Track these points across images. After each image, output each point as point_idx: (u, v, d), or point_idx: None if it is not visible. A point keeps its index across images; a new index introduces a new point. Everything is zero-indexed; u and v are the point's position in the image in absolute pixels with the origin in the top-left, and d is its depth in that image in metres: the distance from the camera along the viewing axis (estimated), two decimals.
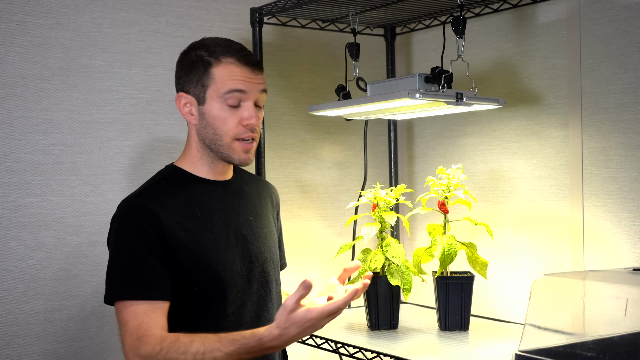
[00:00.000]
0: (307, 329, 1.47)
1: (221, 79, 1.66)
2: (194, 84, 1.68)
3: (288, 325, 1.46)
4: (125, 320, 1.56)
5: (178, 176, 1.71)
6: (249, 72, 1.67)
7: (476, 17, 2.32)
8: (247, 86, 1.67)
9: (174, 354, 1.49)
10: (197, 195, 1.69)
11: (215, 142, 1.68)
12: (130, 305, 1.57)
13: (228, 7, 2.39)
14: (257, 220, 1.79)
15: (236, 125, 1.67)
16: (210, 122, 1.67)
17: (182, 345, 1.49)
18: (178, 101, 1.70)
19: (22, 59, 2.07)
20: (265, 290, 1.75)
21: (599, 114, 2.05)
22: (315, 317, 1.46)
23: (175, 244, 1.61)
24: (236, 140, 1.68)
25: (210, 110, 1.67)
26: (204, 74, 1.67)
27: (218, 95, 1.66)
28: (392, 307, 2.09)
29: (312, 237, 2.55)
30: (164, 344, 1.50)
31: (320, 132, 2.58)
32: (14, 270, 2.05)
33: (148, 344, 1.51)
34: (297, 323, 1.46)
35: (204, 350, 1.48)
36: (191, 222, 1.64)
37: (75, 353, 2.12)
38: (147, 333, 1.53)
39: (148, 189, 1.68)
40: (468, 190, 2.05)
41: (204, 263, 1.63)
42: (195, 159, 1.72)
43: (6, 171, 2.05)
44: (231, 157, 1.69)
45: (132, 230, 1.61)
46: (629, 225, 1.97)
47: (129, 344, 1.54)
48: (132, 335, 1.54)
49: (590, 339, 1.41)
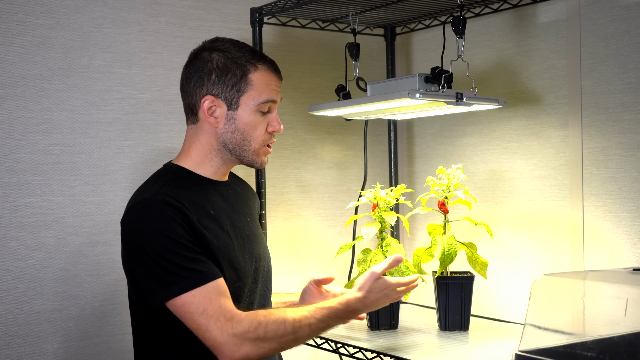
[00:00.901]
0: (384, 296, 1.67)
1: (259, 87, 1.67)
2: (228, 88, 1.66)
3: (372, 289, 1.66)
4: (203, 308, 1.52)
5: (184, 176, 1.69)
6: (279, 81, 1.72)
7: (476, 17, 2.32)
8: (278, 96, 1.72)
9: (272, 324, 1.54)
10: (207, 195, 1.68)
11: (242, 147, 1.68)
12: (199, 294, 1.53)
13: (228, 7, 2.39)
14: (253, 221, 1.80)
15: (264, 132, 1.70)
16: (240, 127, 1.67)
17: (278, 317, 1.55)
18: (204, 104, 1.66)
19: (22, 59, 2.07)
20: (266, 289, 1.76)
21: (599, 114, 2.05)
22: (393, 285, 1.68)
23: (202, 241, 1.58)
24: (264, 146, 1.71)
25: (242, 115, 1.67)
26: (241, 79, 1.66)
27: (255, 102, 1.67)
28: (392, 307, 2.09)
29: (312, 237, 2.55)
30: (259, 317, 1.54)
31: (320, 132, 2.58)
32: (14, 270, 2.05)
33: (242, 321, 1.52)
34: (378, 288, 1.67)
35: (299, 318, 1.57)
36: (208, 221, 1.62)
37: (75, 353, 2.12)
38: (235, 313, 1.53)
39: (162, 189, 1.61)
40: (468, 190, 2.05)
41: (227, 260, 1.62)
42: (204, 159, 1.70)
43: (6, 171, 2.05)
44: (254, 161, 1.72)
45: (168, 225, 1.55)
46: (629, 225, 1.97)
47: (218, 328, 1.51)
48: (219, 318, 1.52)
49: (590, 339, 1.41)
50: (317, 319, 1.59)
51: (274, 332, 1.54)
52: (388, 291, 1.68)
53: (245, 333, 1.52)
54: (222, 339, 1.51)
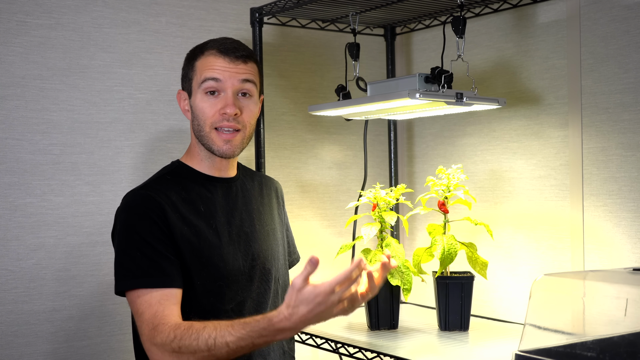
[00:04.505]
0: (317, 305, 1.40)
1: (200, 69, 1.71)
2: (185, 79, 1.74)
3: (297, 303, 1.40)
4: (141, 311, 1.56)
5: (183, 172, 1.73)
6: (227, 61, 1.70)
7: (476, 17, 2.32)
8: (222, 75, 1.69)
9: (186, 340, 1.50)
10: (201, 192, 1.70)
11: (200, 133, 1.72)
12: (143, 295, 1.57)
13: (228, 7, 2.39)
14: (260, 218, 1.79)
15: (213, 114, 1.69)
16: (195, 113, 1.72)
17: (194, 332, 1.50)
18: (178, 99, 1.76)
19: (22, 59, 2.07)
20: (265, 288, 1.76)
21: (599, 114, 2.05)
22: (324, 292, 1.39)
23: (179, 238, 1.62)
24: (214, 129, 1.69)
25: (195, 102, 1.72)
26: (190, 68, 1.73)
27: (197, 85, 1.70)
28: (392, 307, 2.09)
29: (312, 237, 2.55)
30: (178, 331, 1.51)
31: (320, 132, 2.58)
32: (14, 270, 2.05)
33: (163, 332, 1.52)
34: (306, 300, 1.40)
35: (215, 335, 1.48)
36: (195, 218, 1.65)
37: (75, 353, 2.12)
38: (162, 322, 1.54)
39: (153, 183, 1.70)
40: (468, 190, 2.05)
41: (205, 259, 1.64)
42: (195, 154, 1.76)
43: (6, 171, 2.05)
44: (211, 147, 1.71)
45: (140, 220, 1.61)
46: (629, 225, 1.97)
47: (145, 334, 1.55)
48: (148, 325, 1.55)
49: (590, 339, 1.41)
50: (236, 336, 1.46)
51: (187, 348, 1.49)
52: (322, 299, 1.39)
53: (163, 344, 1.52)
54: (146, 346, 1.56)
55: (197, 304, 1.65)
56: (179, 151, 2.24)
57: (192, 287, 1.64)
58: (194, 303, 1.65)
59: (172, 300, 1.57)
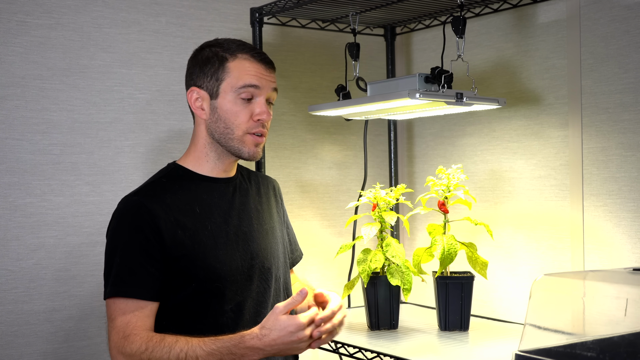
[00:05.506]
0: (288, 334, 1.50)
1: (236, 73, 1.70)
2: (208, 78, 1.71)
3: (271, 326, 1.51)
4: (113, 317, 1.59)
5: (179, 174, 1.73)
6: (262, 68, 1.72)
7: (476, 17, 2.32)
8: (260, 82, 1.71)
9: (158, 352, 1.52)
10: (197, 193, 1.71)
11: (226, 136, 1.71)
12: (119, 303, 1.59)
13: (228, 7, 2.39)
14: (259, 217, 1.79)
15: (248, 120, 1.71)
16: (222, 115, 1.70)
17: (166, 345, 1.52)
18: (190, 96, 1.73)
19: (22, 59, 2.07)
20: (265, 287, 1.75)
21: (599, 114, 2.05)
22: (297, 324, 1.50)
23: (171, 242, 1.62)
24: (247, 133, 1.71)
25: (223, 104, 1.70)
26: (219, 69, 1.70)
27: (232, 89, 1.69)
28: (392, 307, 2.09)
29: (312, 237, 2.55)
30: (150, 343, 1.53)
31: (320, 132, 2.58)
32: (14, 270, 2.05)
33: (134, 342, 1.54)
34: (280, 326, 1.50)
35: (187, 349, 1.52)
36: (189, 220, 1.66)
37: (75, 353, 2.12)
38: (133, 332, 1.56)
39: (148, 187, 1.70)
40: (468, 190, 2.05)
41: (200, 260, 1.64)
42: (201, 155, 1.74)
43: (6, 171, 2.05)
44: (241, 150, 1.72)
45: (128, 229, 1.63)
46: (629, 225, 1.97)
47: (114, 340, 1.57)
48: (118, 332, 1.57)
49: (590, 339, 1.41)
50: (206, 351, 1.51)
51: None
52: (293, 329, 1.50)
53: (132, 355, 1.54)
54: (112, 353, 1.57)
55: (196, 306, 1.65)
56: (179, 151, 2.25)
57: (190, 290, 1.64)
58: (192, 305, 1.65)
59: (146, 312, 1.60)
